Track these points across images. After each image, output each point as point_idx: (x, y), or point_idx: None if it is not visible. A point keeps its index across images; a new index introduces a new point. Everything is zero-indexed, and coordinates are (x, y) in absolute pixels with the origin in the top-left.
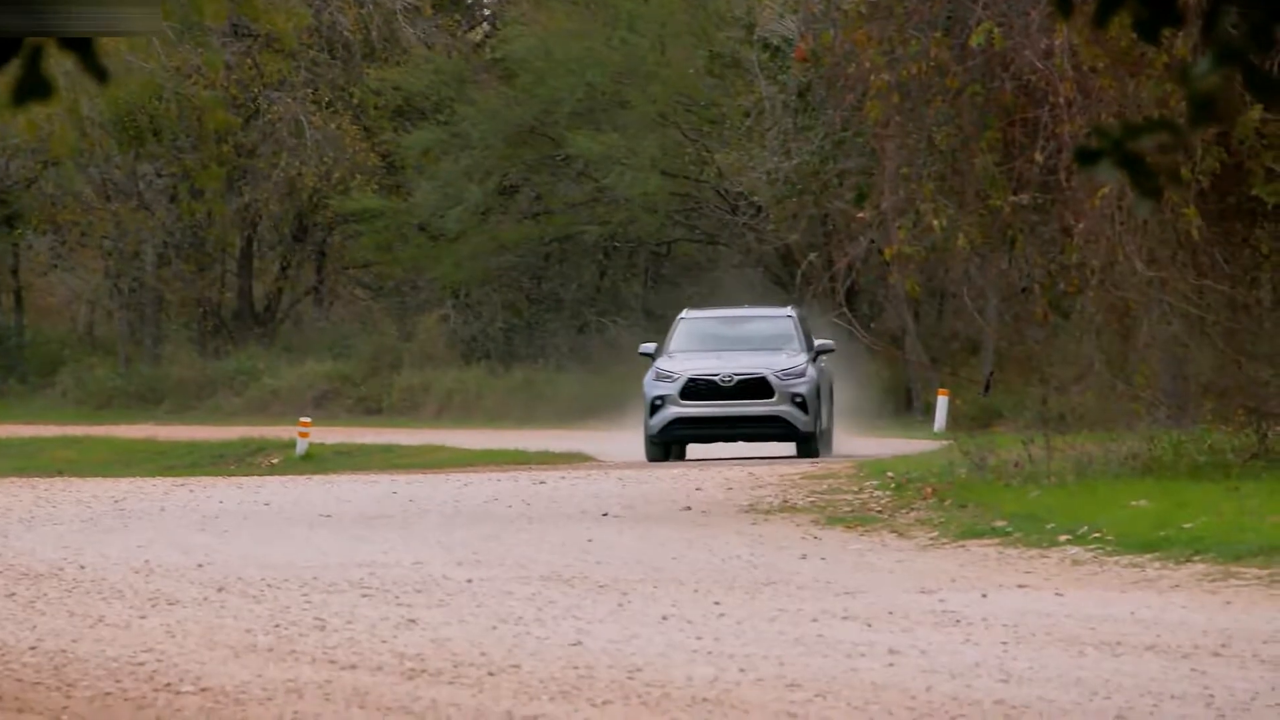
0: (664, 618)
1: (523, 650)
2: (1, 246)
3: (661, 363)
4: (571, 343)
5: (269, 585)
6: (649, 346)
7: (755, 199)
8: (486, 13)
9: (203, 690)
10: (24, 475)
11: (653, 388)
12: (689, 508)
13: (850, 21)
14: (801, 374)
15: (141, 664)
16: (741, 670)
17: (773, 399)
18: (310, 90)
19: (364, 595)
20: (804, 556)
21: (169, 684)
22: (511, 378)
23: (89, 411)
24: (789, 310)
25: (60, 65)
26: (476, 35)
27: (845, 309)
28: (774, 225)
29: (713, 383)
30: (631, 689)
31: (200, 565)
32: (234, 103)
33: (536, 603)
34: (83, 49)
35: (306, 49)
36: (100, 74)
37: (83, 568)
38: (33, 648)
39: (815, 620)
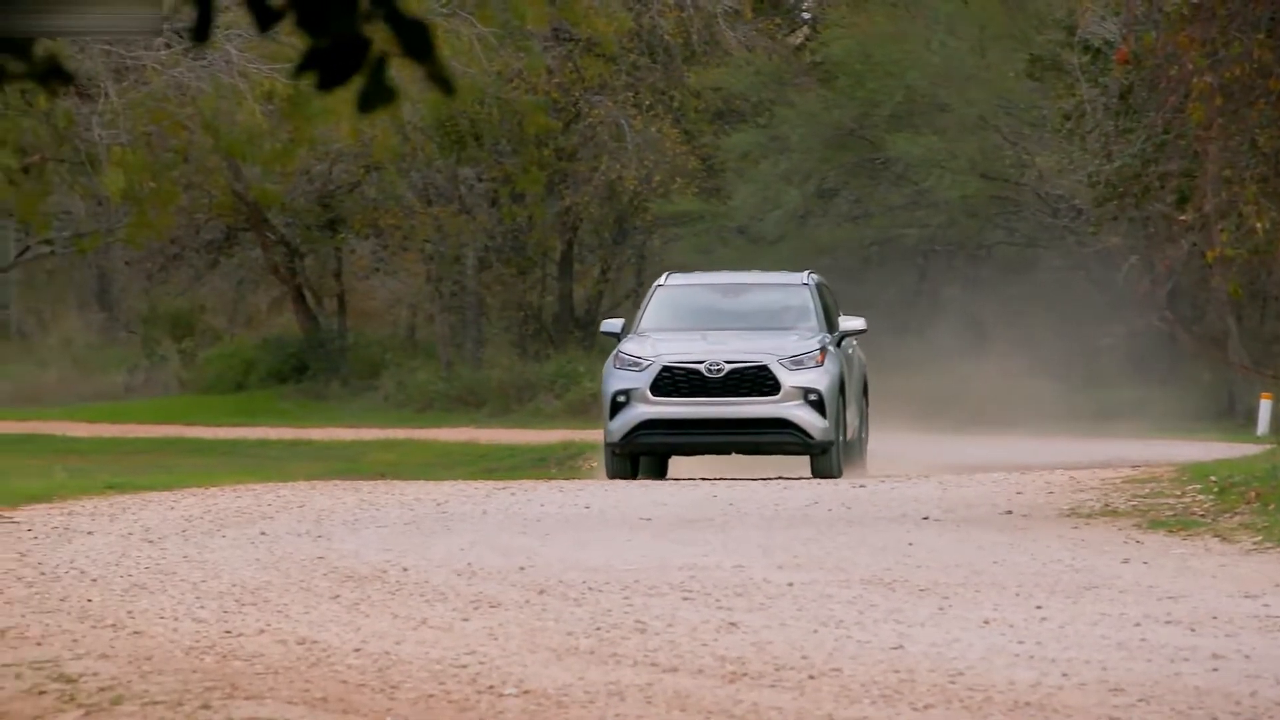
0: (985, 621)
1: (843, 654)
2: (325, 250)
3: (628, 345)
4: (890, 345)
5: (590, 588)
6: (613, 324)
7: (1075, 202)
8: (806, 16)
9: (525, 693)
10: (347, 478)
11: (613, 379)
12: (1010, 511)
13: (1172, 23)
14: (818, 362)
15: (464, 666)
16: (1064, 674)
17: (777, 396)
18: (631, 93)
19: (684, 598)
20: (1126, 560)
21: (491, 686)
22: None
23: (410, 414)
24: (805, 277)
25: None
26: (796, 38)
27: (1167, 311)
28: (1094, 228)
29: (695, 372)
30: (953, 693)
31: (522, 568)
32: (555, 106)
33: (857, 606)
34: (426, 57)
35: (627, 52)
36: (446, 87)
37: (406, 570)
38: (357, 650)
39: (1138, 624)
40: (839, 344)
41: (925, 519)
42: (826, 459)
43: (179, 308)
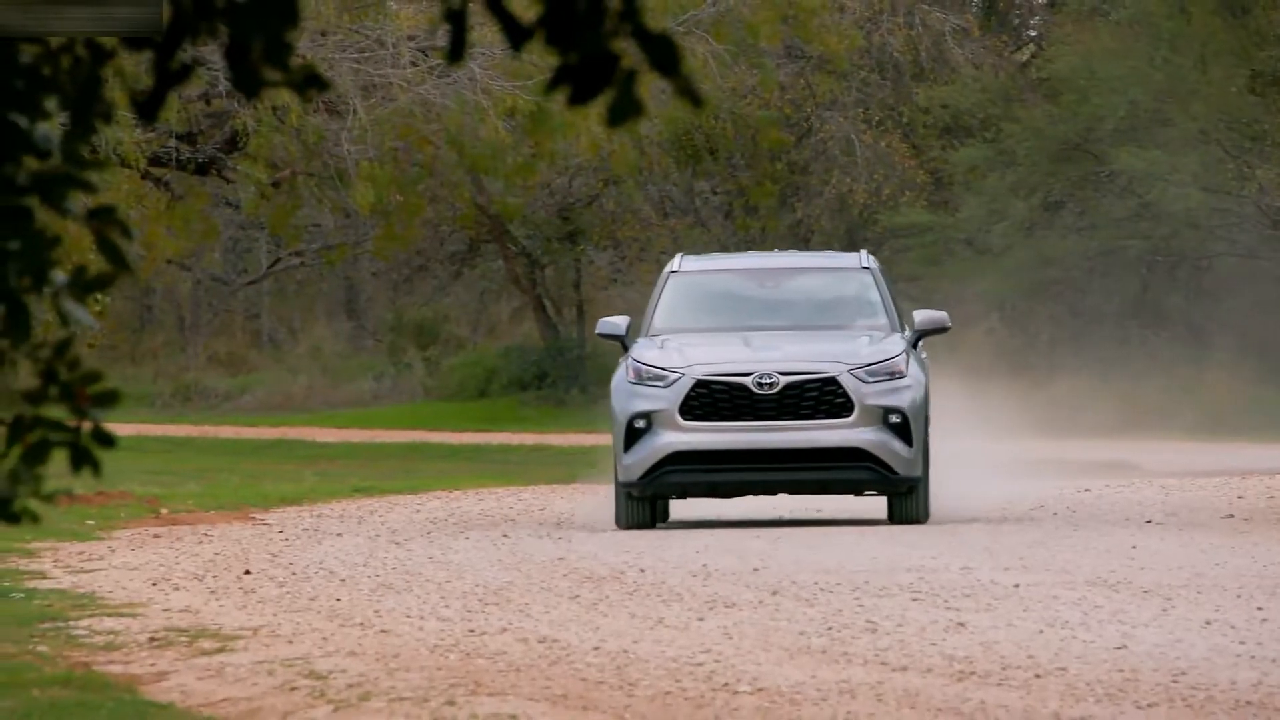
0: (1207, 622)
1: (1069, 653)
2: (564, 262)
3: (644, 351)
4: (1114, 354)
5: (821, 589)
6: (614, 323)
7: None
8: (1032, 33)
9: (759, 690)
10: (588, 482)
11: (628, 397)
12: (1231, 515)
13: None
14: (899, 372)
15: (700, 664)
16: None
17: (849, 418)
18: (861, 109)
19: (913, 599)
20: None
21: (726, 684)
22: (1055, 388)
23: None
24: (863, 258)
25: None
26: (1023, 55)
27: None
28: None
29: (740, 388)
30: (1176, 692)
31: (755, 569)
32: (787, 121)
33: (1082, 607)
34: (674, 71)
35: (858, 69)
36: (695, 99)
37: (643, 571)
38: (596, 648)
39: None
40: (915, 345)
41: (1148, 522)
42: (911, 500)
43: (424, 317)
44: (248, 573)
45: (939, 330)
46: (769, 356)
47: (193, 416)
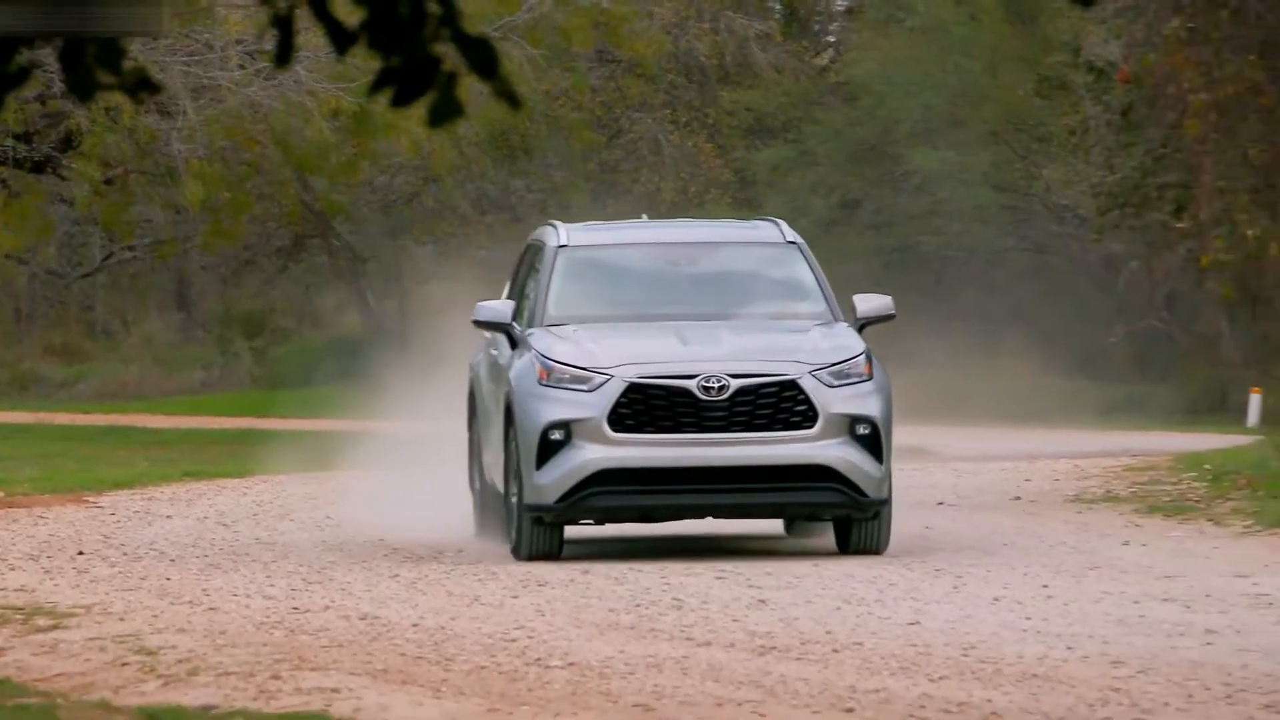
0: (996, 599)
1: (865, 629)
2: (386, 256)
3: (551, 344)
4: (910, 346)
5: (630, 568)
6: (496, 309)
7: (1080, 211)
8: (831, 39)
9: (570, 665)
10: (408, 467)
11: (538, 402)
12: (1018, 498)
13: (1170, 46)
14: (865, 373)
15: (514, 640)
16: (1068, 648)
17: (813, 429)
18: (669, 111)
19: (718, 577)
20: (1126, 543)
21: (539, 659)
22: None
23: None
24: (785, 230)
25: None
26: (822, 60)
27: (1165, 313)
28: (1097, 236)
29: (683, 392)
30: (965, 665)
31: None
32: (599, 123)
33: (878, 585)
34: (492, 74)
35: (666, 73)
36: (513, 101)
37: (460, 551)
38: (415, 625)
39: (1137, 602)
40: (861, 330)
41: (940, 504)
42: (874, 526)
43: (251, 309)
44: (81, 553)
45: (884, 319)
46: (713, 354)
47: (29, 404)
